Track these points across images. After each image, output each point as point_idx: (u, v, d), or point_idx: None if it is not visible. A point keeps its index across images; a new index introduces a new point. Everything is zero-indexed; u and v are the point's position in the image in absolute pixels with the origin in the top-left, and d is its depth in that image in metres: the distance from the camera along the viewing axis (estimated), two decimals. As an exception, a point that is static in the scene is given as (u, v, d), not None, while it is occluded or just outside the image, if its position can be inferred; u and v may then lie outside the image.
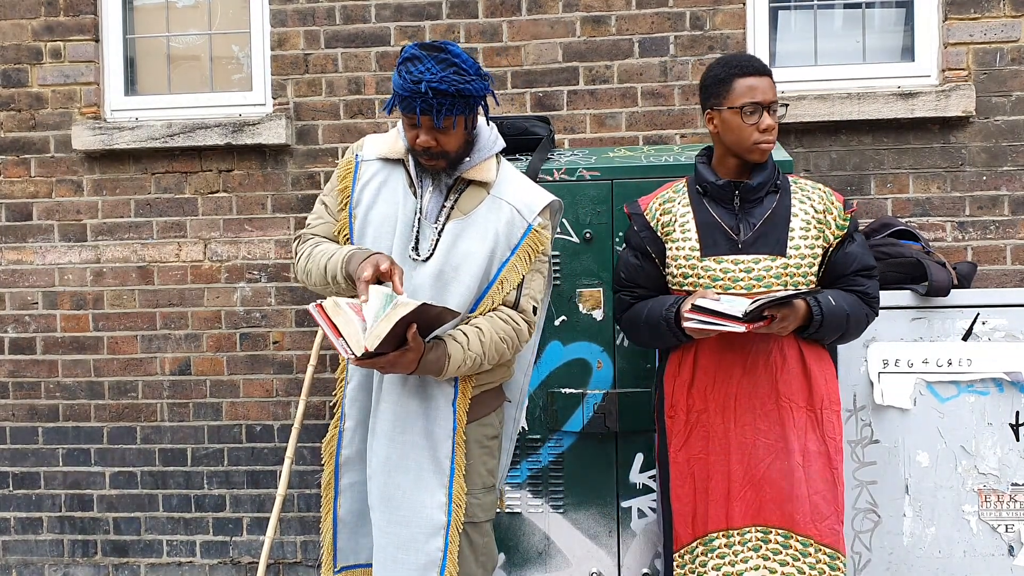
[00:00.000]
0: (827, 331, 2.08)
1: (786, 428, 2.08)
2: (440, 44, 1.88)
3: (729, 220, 2.12)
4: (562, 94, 3.27)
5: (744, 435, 2.11)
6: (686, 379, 2.15)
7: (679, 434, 2.16)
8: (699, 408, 2.14)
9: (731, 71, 2.08)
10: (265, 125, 3.30)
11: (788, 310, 2.00)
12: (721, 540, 2.09)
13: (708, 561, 2.10)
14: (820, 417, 2.10)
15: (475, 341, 1.91)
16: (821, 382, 2.11)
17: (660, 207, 2.20)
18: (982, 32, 3.12)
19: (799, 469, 2.06)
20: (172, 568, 3.43)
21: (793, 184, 2.18)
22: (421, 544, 1.95)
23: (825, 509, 2.07)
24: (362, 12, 3.33)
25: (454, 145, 1.94)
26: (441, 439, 1.97)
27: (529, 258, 2.01)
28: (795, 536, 2.07)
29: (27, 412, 3.47)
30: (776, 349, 2.10)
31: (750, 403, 2.10)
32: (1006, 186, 3.14)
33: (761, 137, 2.06)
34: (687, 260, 2.13)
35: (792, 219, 2.11)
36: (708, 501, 2.11)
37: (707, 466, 2.12)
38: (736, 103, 2.06)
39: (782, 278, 2.08)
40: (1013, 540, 2.60)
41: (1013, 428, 2.60)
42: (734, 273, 2.09)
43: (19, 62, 3.44)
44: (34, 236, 3.46)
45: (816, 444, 2.09)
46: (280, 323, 3.38)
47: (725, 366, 2.12)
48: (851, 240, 2.14)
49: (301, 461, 3.34)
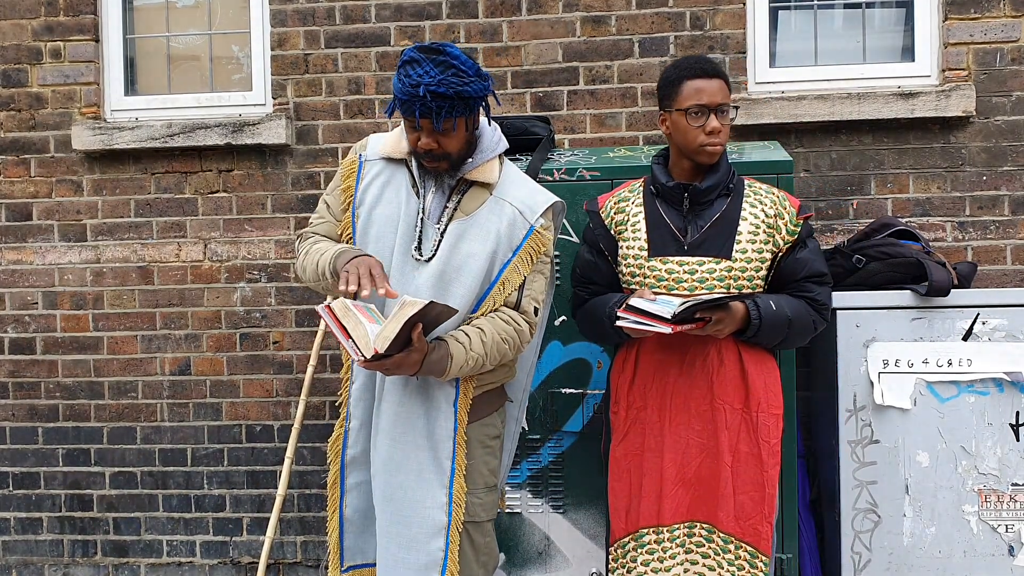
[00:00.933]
0: (766, 335, 2.08)
1: (718, 428, 2.10)
2: (439, 46, 1.87)
3: (678, 221, 2.14)
4: (562, 94, 3.27)
5: (678, 434, 2.13)
6: (628, 376, 2.18)
7: (619, 430, 2.19)
8: (638, 405, 2.16)
9: (680, 73, 2.10)
10: (265, 125, 3.30)
11: (724, 313, 2.01)
12: (651, 536, 2.12)
13: (638, 556, 2.12)
14: (755, 420, 2.10)
15: (477, 342, 1.92)
16: (759, 385, 2.11)
17: (615, 205, 2.22)
18: (982, 32, 3.12)
19: (727, 468, 2.09)
20: (172, 568, 3.43)
21: (748, 188, 2.18)
22: (423, 544, 1.95)
23: (750, 509, 2.09)
24: (362, 12, 3.33)
25: (455, 147, 1.94)
26: (442, 439, 1.98)
27: (531, 259, 2.02)
28: (717, 532, 2.11)
29: (27, 412, 3.47)
30: (714, 351, 2.11)
31: (686, 402, 2.12)
32: (1006, 186, 3.14)
33: (707, 140, 2.07)
34: (635, 259, 2.15)
35: (740, 223, 2.12)
36: (641, 497, 2.13)
37: (641, 462, 2.15)
38: (683, 105, 2.07)
39: (726, 281, 2.09)
40: (1013, 540, 2.60)
41: (1013, 428, 2.60)
42: (678, 274, 2.11)
43: (19, 62, 3.44)
44: (34, 236, 3.46)
45: (748, 446, 2.10)
46: (280, 323, 3.38)
47: (663, 365, 2.14)
48: (802, 246, 2.14)
49: (301, 461, 3.34)
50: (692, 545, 2.12)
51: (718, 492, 2.09)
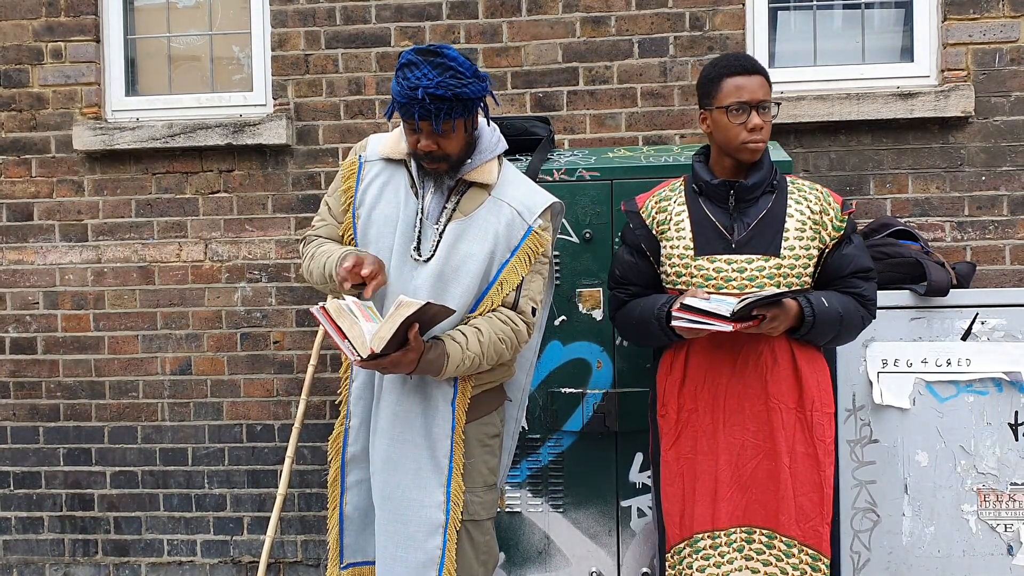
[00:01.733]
0: (819, 332, 2.07)
1: (774, 429, 2.08)
2: (436, 48, 1.87)
3: (724, 219, 2.12)
4: (562, 94, 3.27)
5: (732, 435, 2.10)
6: (677, 378, 2.15)
7: (669, 433, 2.15)
8: (689, 407, 2.14)
9: (720, 71, 2.08)
10: (266, 125, 3.31)
11: (778, 310, 1.99)
12: (706, 541, 2.10)
13: (694, 562, 2.10)
14: (810, 419, 2.08)
15: (474, 341, 1.92)
16: (812, 384, 2.10)
17: (656, 205, 2.20)
18: (981, 32, 3.12)
19: (786, 471, 2.06)
20: (173, 567, 3.44)
21: (790, 184, 2.17)
22: (420, 542, 1.96)
23: (810, 511, 2.07)
24: (362, 13, 3.34)
25: (455, 148, 1.95)
26: (439, 438, 1.98)
27: (529, 260, 2.02)
28: (779, 536, 2.08)
29: (28, 412, 3.47)
30: (767, 350, 2.09)
31: (739, 404, 2.10)
32: (1005, 186, 3.14)
33: (749, 136, 2.05)
34: (681, 259, 2.13)
35: (787, 219, 2.10)
36: (695, 501, 2.11)
37: (695, 466, 2.12)
38: (723, 103, 2.06)
39: (775, 278, 2.07)
40: (1012, 539, 2.60)
41: (1012, 428, 2.60)
42: (727, 273, 2.08)
43: (20, 62, 3.45)
44: (35, 236, 3.46)
45: (804, 446, 2.08)
46: (280, 323, 3.38)
47: (715, 366, 2.11)
48: (848, 242, 2.13)
49: (301, 461, 3.35)
50: (751, 552, 2.08)
51: (778, 495, 2.06)
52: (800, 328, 2.05)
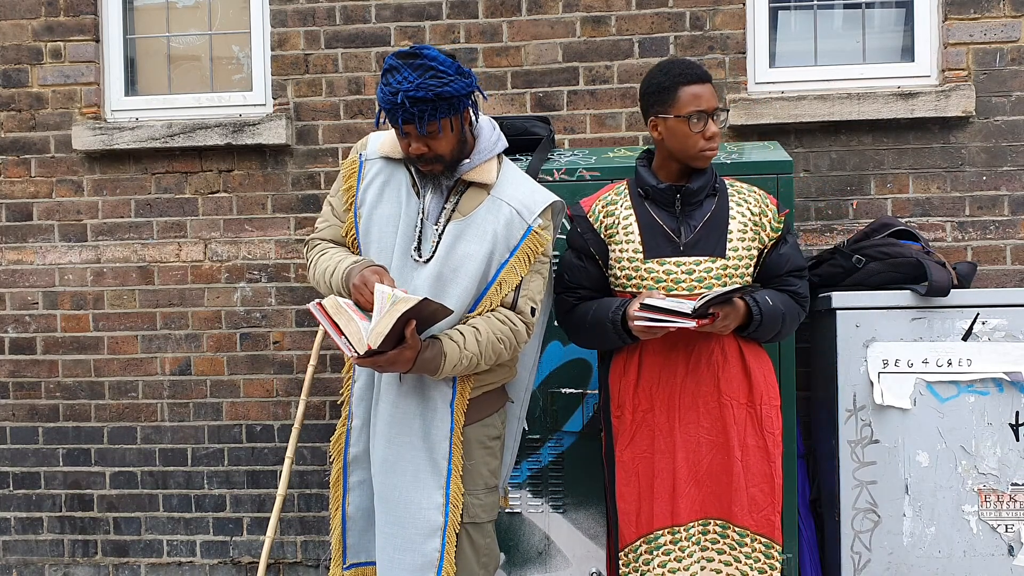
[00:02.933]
0: (765, 329, 2.12)
1: (727, 424, 2.12)
2: (416, 50, 1.86)
3: (670, 223, 2.15)
4: (562, 94, 3.27)
5: (688, 433, 2.14)
6: (632, 379, 2.17)
7: (625, 433, 2.18)
8: (644, 407, 2.16)
9: (675, 79, 2.10)
10: (265, 125, 3.30)
11: (730, 308, 2.03)
12: (667, 537, 2.12)
13: (653, 559, 2.12)
14: (759, 413, 2.13)
15: (471, 341, 1.92)
16: (760, 379, 2.15)
17: (603, 209, 2.21)
18: (982, 32, 3.12)
19: (738, 463, 2.11)
20: (172, 568, 3.43)
21: (730, 187, 2.21)
22: (418, 545, 1.95)
23: (762, 501, 2.12)
24: (362, 12, 3.33)
25: (446, 148, 1.94)
26: (438, 440, 1.98)
27: (528, 260, 2.01)
28: (732, 527, 2.12)
29: (27, 412, 3.47)
30: (717, 348, 2.14)
31: (694, 401, 2.14)
32: (1006, 186, 3.14)
33: (707, 144, 2.09)
34: (631, 262, 2.15)
35: (730, 221, 2.15)
36: (653, 499, 2.13)
37: (652, 464, 2.15)
38: (683, 111, 2.07)
39: (722, 279, 2.12)
40: (1013, 540, 2.60)
41: (1013, 428, 2.60)
42: (676, 275, 2.12)
43: (19, 62, 3.44)
44: (34, 236, 3.46)
45: (755, 439, 2.13)
46: (280, 323, 3.38)
47: (669, 366, 2.14)
48: (784, 242, 2.19)
49: (301, 461, 3.35)
50: (707, 542, 2.13)
51: (731, 487, 2.11)
52: (748, 326, 2.10)
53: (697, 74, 2.10)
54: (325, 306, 1.81)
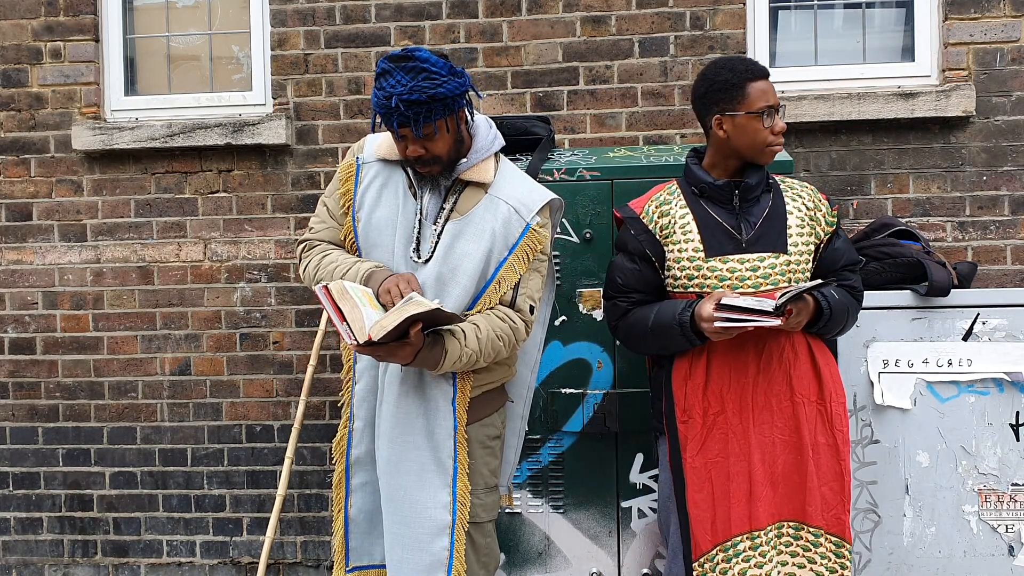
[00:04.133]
0: (832, 324, 2.11)
1: (800, 423, 2.10)
2: (408, 52, 1.86)
3: (730, 220, 2.12)
4: (562, 94, 3.27)
5: (763, 434, 2.11)
6: (699, 382, 2.13)
7: (695, 439, 2.12)
8: (715, 410, 2.12)
9: (742, 76, 2.07)
10: (265, 125, 3.30)
11: (802, 304, 2.02)
12: (745, 543, 2.09)
13: (731, 567, 2.08)
14: (830, 411, 2.12)
15: (472, 338, 1.92)
16: (828, 376, 2.14)
17: (656, 209, 2.18)
18: (982, 32, 3.12)
19: (811, 463, 2.08)
20: (172, 568, 3.43)
21: (781, 183, 2.20)
22: (426, 544, 1.95)
23: (832, 500, 2.10)
24: (362, 12, 3.33)
25: (443, 149, 1.94)
26: (443, 439, 1.98)
27: (527, 258, 2.01)
28: (806, 527, 2.10)
29: (27, 412, 3.47)
30: (788, 345, 2.12)
31: (767, 401, 2.11)
32: (1006, 186, 3.14)
33: (775, 139, 2.08)
34: (691, 261, 2.12)
35: (788, 216, 2.13)
36: (729, 504, 2.09)
37: (727, 468, 2.11)
38: (754, 107, 2.06)
39: (785, 275, 2.10)
40: (1013, 540, 2.60)
41: (1013, 428, 2.60)
42: (740, 272, 2.09)
43: (19, 62, 3.44)
44: (34, 236, 3.46)
45: (825, 437, 2.12)
46: (280, 323, 3.38)
47: (740, 366, 2.11)
48: (837, 236, 2.18)
49: (301, 461, 3.35)
50: (781, 545, 2.11)
51: (805, 487, 2.09)
52: (818, 321, 2.09)
53: (762, 70, 2.10)
54: (331, 290, 1.81)
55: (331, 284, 1.82)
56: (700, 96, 2.14)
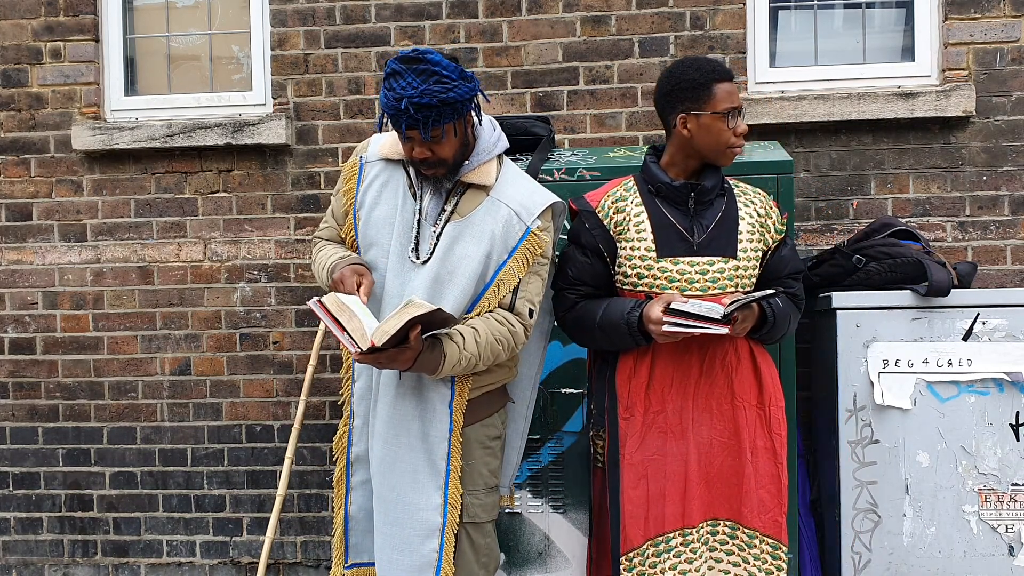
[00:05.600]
0: (775, 332, 2.14)
1: (739, 426, 2.12)
2: (419, 54, 1.85)
3: (683, 221, 2.13)
4: (562, 94, 3.27)
5: (701, 435, 2.13)
6: (642, 380, 2.14)
7: (635, 435, 2.14)
8: (656, 409, 2.13)
9: (709, 76, 2.08)
10: (265, 125, 3.30)
11: (748, 312, 2.03)
12: (677, 539, 2.10)
13: (660, 562, 2.09)
14: (768, 415, 2.14)
15: (471, 342, 1.92)
16: (769, 380, 2.15)
17: (612, 205, 2.16)
18: (982, 32, 3.12)
19: (748, 465, 2.11)
20: (172, 568, 3.43)
21: (735, 187, 2.21)
22: (416, 545, 1.95)
23: (769, 502, 2.12)
24: (362, 12, 3.33)
25: (449, 152, 1.94)
26: (437, 441, 1.98)
27: (527, 261, 2.01)
28: (742, 528, 2.12)
29: (27, 412, 3.47)
30: (731, 350, 2.13)
31: (707, 403, 2.13)
32: (1006, 186, 3.14)
33: (736, 141, 2.09)
34: (642, 260, 2.12)
35: (740, 222, 2.14)
36: (664, 501, 2.11)
37: (663, 466, 2.13)
38: (719, 108, 2.06)
39: (733, 280, 2.11)
40: (1013, 540, 2.60)
41: (1013, 428, 2.60)
42: (690, 275, 2.10)
43: (19, 62, 3.44)
44: (34, 236, 3.46)
45: (763, 440, 2.13)
46: (280, 323, 3.38)
47: (683, 368, 2.13)
48: (784, 244, 2.19)
49: (301, 461, 3.34)
50: (716, 543, 2.13)
51: (742, 489, 2.11)
52: (761, 328, 2.11)
53: (728, 71, 2.11)
54: (326, 303, 1.81)
55: (325, 298, 1.82)
56: (665, 93, 2.14)
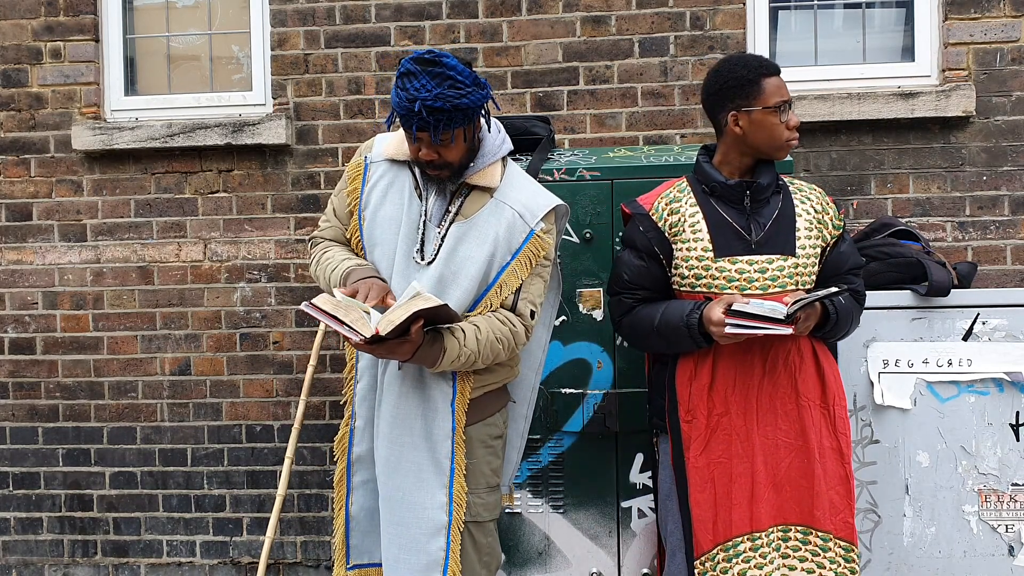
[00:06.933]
0: (837, 329, 2.12)
1: (805, 427, 2.10)
2: (435, 57, 1.85)
3: (740, 220, 2.11)
4: (562, 94, 3.27)
5: (767, 436, 2.10)
6: (704, 383, 2.12)
7: (699, 439, 2.12)
8: (719, 411, 2.11)
9: (758, 71, 2.07)
10: (265, 125, 3.30)
11: (810, 310, 2.02)
12: (746, 544, 2.08)
13: (731, 567, 2.08)
14: (833, 414, 2.12)
15: (471, 338, 1.92)
16: (832, 379, 2.14)
17: (667, 207, 2.15)
18: (982, 32, 3.12)
19: (818, 466, 2.08)
20: (172, 568, 3.43)
21: (790, 184, 2.20)
22: (423, 544, 1.95)
23: (839, 504, 2.10)
24: (362, 12, 3.33)
25: (456, 156, 1.94)
26: (440, 439, 1.98)
27: (530, 263, 2.01)
28: (814, 532, 2.09)
29: (27, 412, 3.47)
30: (795, 349, 2.11)
31: (772, 403, 2.11)
32: (1006, 186, 3.14)
33: (791, 135, 2.09)
34: (700, 261, 2.10)
35: (797, 219, 2.12)
36: (731, 505, 2.09)
37: (729, 469, 2.11)
38: (770, 102, 2.05)
39: (793, 278, 2.09)
40: (1013, 540, 2.60)
41: (1013, 428, 2.60)
42: (749, 274, 2.08)
43: (19, 62, 3.44)
44: (34, 236, 3.46)
45: (830, 440, 2.12)
46: (280, 323, 3.38)
47: (746, 368, 2.10)
48: (843, 240, 2.18)
49: (301, 461, 3.34)
50: (788, 549, 2.09)
51: (812, 491, 2.08)
52: (824, 326, 2.09)
53: (774, 66, 2.10)
54: (318, 304, 1.81)
55: (318, 300, 1.82)
56: (714, 92, 2.12)
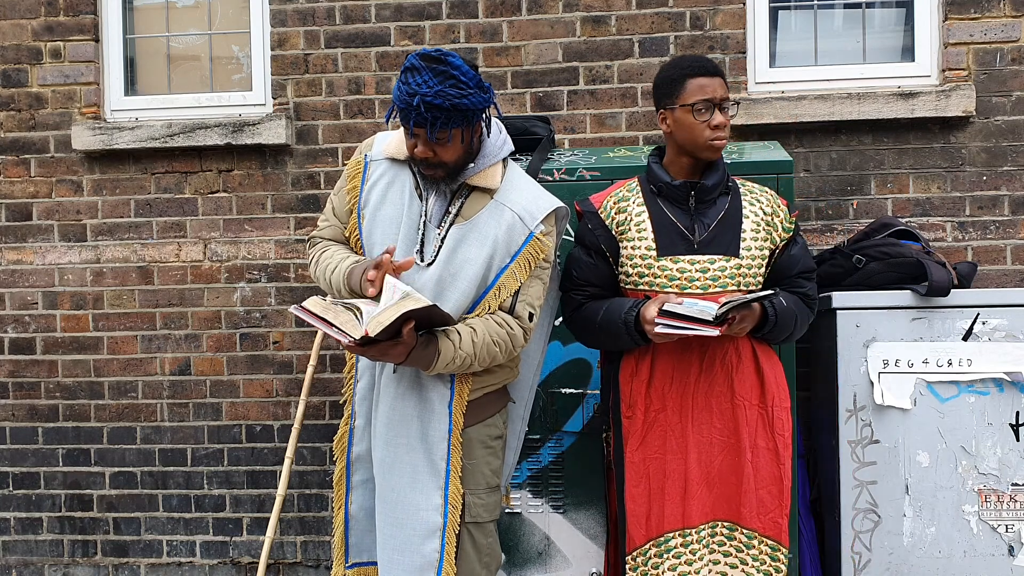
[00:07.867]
0: (778, 331, 2.13)
1: (739, 426, 2.12)
2: (441, 55, 1.85)
3: (684, 220, 2.14)
4: (562, 94, 3.27)
5: (701, 434, 2.13)
6: (644, 379, 2.15)
7: (636, 434, 2.15)
8: (657, 407, 2.15)
9: (683, 71, 2.11)
10: (265, 125, 3.30)
11: (747, 311, 2.03)
12: (677, 540, 2.11)
13: (662, 562, 2.10)
14: (771, 415, 2.13)
15: (467, 341, 1.92)
16: (772, 381, 2.15)
17: (615, 205, 2.19)
18: (982, 32, 3.12)
19: (748, 465, 2.11)
20: (172, 568, 3.43)
21: (742, 186, 2.21)
22: (417, 546, 1.95)
23: (770, 503, 2.12)
24: (362, 12, 3.33)
25: (451, 156, 1.94)
26: (436, 441, 1.98)
27: (529, 265, 2.01)
28: (740, 528, 2.12)
29: (27, 412, 3.47)
30: (732, 349, 2.13)
31: (707, 401, 2.13)
32: (1006, 186, 3.14)
33: (713, 134, 2.08)
34: (643, 259, 2.13)
35: (743, 220, 2.14)
36: (664, 501, 2.12)
37: (663, 465, 2.14)
38: (688, 100, 2.08)
39: (736, 278, 2.11)
40: (1013, 540, 2.60)
41: (1013, 428, 2.60)
42: (690, 273, 2.10)
43: (19, 62, 3.44)
44: (34, 236, 3.46)
45: (765, 441, 2.13)
46: (280, 323, 3.38)
47: (683, 366, 2.13)
48: (794, 243, 2.19)
49: (301, 461, 3.34)
50: (714, 544, 2.13)
51: (741, 489, 2.11)
52: (763, 327, 2.10)
53: (705, 67, 2.11)
54: (308, 307, 1.81)
55: (308, 303, 1.82)
56: (652, 91, 2.19)
